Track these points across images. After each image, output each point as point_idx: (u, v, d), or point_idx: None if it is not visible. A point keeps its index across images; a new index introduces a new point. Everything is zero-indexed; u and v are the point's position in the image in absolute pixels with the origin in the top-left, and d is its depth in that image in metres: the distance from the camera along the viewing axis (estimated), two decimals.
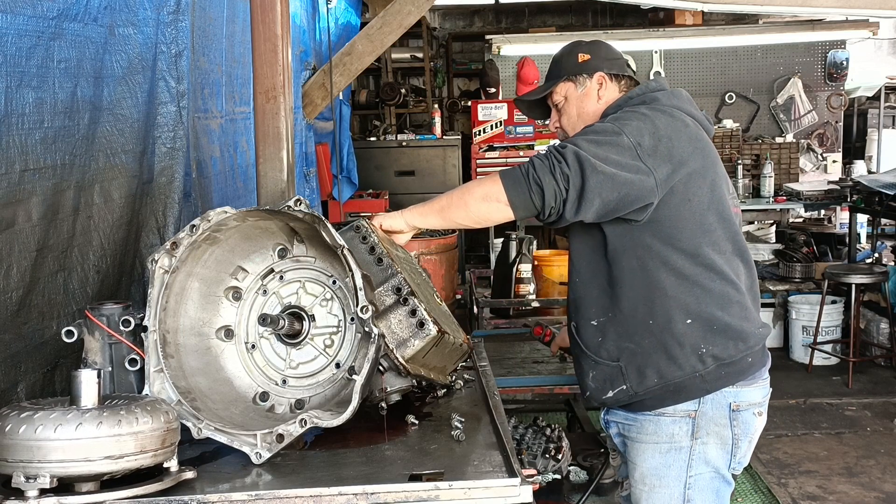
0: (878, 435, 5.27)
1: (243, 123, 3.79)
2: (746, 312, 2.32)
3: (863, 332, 6.55)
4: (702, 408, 2.29)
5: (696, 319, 2.26)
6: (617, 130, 2.21)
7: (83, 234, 2.32)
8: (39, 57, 2.06)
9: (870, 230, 7.83)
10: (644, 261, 2.26)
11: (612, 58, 2.52)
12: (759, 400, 2.35)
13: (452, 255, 3.79)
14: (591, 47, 2.53)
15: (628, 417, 2.38)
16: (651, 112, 2.30)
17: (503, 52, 8.52)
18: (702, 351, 2.26)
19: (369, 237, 2.18)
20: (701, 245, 2.27)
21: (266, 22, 2.74)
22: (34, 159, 2.05)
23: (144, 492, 1.65)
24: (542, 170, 2.13)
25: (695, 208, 2.26)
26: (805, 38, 8.55)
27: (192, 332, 2.05)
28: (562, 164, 2.12)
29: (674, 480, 2.32)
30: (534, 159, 2.17)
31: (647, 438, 2.35)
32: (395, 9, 5.13)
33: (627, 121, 2.25)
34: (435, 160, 8.30)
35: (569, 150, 2.13)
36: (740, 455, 2.35)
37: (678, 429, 2.31)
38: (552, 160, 2.13)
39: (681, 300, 2.26)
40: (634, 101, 2.39)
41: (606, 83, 2.48)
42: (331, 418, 1.86)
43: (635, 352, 2.29)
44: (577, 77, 2.49)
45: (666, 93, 2.40)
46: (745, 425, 2.32)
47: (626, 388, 2.32)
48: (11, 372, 2.02)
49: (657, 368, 2.28)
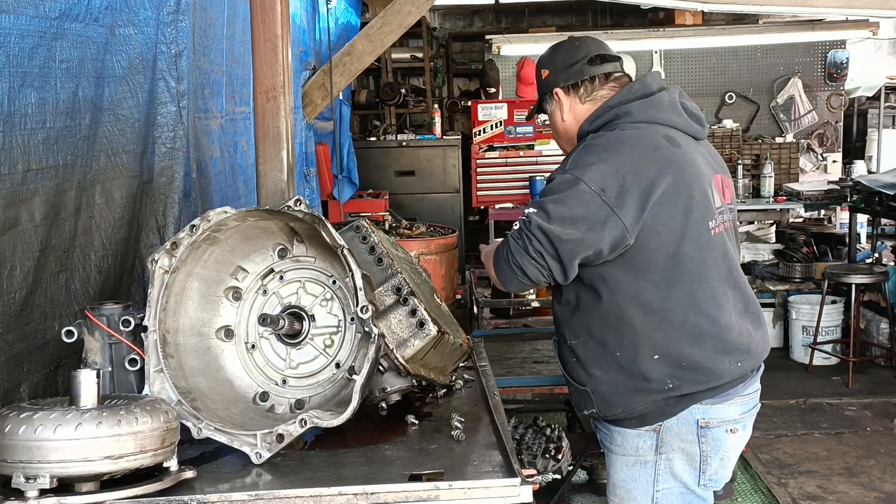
0: (878, 435, 5.27)
1: (243, 123, 3.79)
2: (724, 345, 2.22)
3: (863, 332, 6.55)
4: (666, 423, 2.24)
5: (663, 356, 2.20)
6: (574, 180, 2.14)
7: (85, 235, 2.32)
8: (42, 57, 2.05)
9: (870, 230, 7.83)
10: (614, 294, 2.20)
11: (568, 64, 2.38)
12: (734, 416, 2.27)
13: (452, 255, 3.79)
14: (551, 55, 2.43)
15: (603, 426, 2.38)
16: (608, 144, 2.20)
17: (503, 52, 8.52)
18: (668, 386, 2.20)
19: (369, 237, 2.18)
20: (674, 278, 2.18)
21: (266, 22, 2.74)
22: (37, 159, 2.05)
23: (144, 492, 1.65)
24: (518, 252, 2.16)
25: (665, 240, 2.16)
26: (805, 38, 8.55)
27: (192, 332, 2.05)
28: (532, 241, 2.13)
29: (641, 494, 2.30)
30: (510, 240, 2.19)
31: (616, 450, 2.34)
32: (395, 9, 5.12)
33: (586, 166, 2.16)
34: (435, 160, 8.30)
35: (534, 225, 2.13)
36: (711, 472, 2.28)
37: (642, 442, 2.27)
38: (524, 238, 2.15)
39: (648, 336, 2.19)
40: (608, 118, 2.27)
41: (562, 99, 2.38)
42: (331, 418, 1.86)
43: (602, 380, 2.26)
44: (544, 96, 2.44)
45: (642, 103, 2.27)
46: (716, 442, 2.25)
47: (595, 412, 2.31)
48: (14, 372, 2.02)
49: (622, 399, 2.24)
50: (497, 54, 8.52)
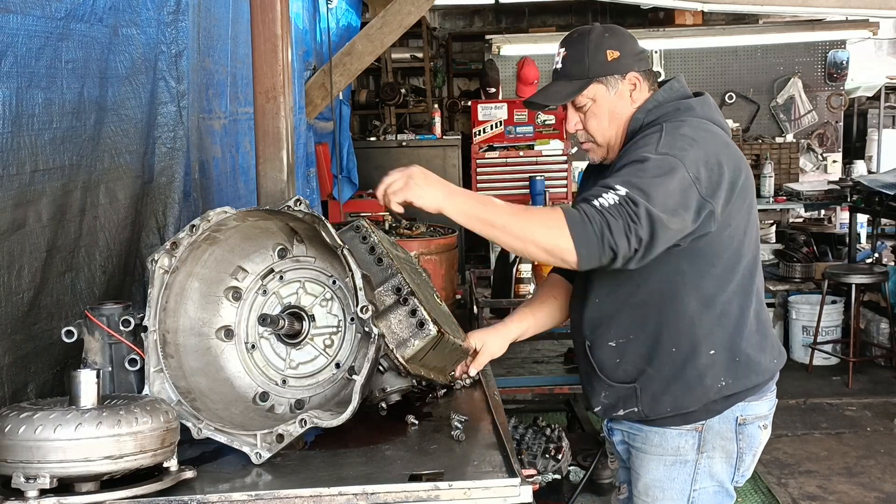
0: (878, 435, 5.27)
1: (247, 124, 3.78)
2: (767, 341, 2.26)
3: (863, 332, 6.55)
4: (709, 422, 2.23)
5: (719, 351, 2.17)
6: (676, 165, 2.00)
7: (89, 235, 2.32)
8: (48, 57, 2.05)
9: (870, 230, 7.83)
10: (675, 286, 2.15)
11: (639, 51, 2.28)
12: (765, 413, 2.29)
13: (452, 255, 3.78)
14: (618, 40, 2.25)
15: (633, 427, 2.32)
16: (694, 132, 2.12)
17: (503, 52, 8.52)
18: (720, 384, 2.18)
19: (369, 237, 2.18)
20: (734, 272, 2.17)
21: (266, 22, 2.74)
22: (44, 160, 2.05)
23: (144, 492, 1.65)
24: (618, 232, 1.91)
25: (733, 234, 2.15)
26: (805, 38, 8.55)
27: (192, 332, 2.05)
28: (637, 226, 1.92)
29: (677, 494, 2.26)
30: (607, 216, 1.91)
31: (652, 450, 2.28)
32: (395, 9, 5.12)
33: (681, 150, 2.04)
34: (435, 160, 8.30)
35: (642, 210, 1.92)
36: (744, 468, 2.29)
37: (684, 442, 2.24)
38: (626, 219, 1.92)
39: (708, 330, 2.16)
40: (667, 109, 2.21)
41: (640, 84, 2.25)
42: (331, 418, 1.86)
43: (653, 377, 2.20)
44: (607, 78, 2.23)
45: (698, 101, 2.23)
46: (751, 438, 2.27)
47: (637, 411, 2.24)
48: (21, 373, 2.02)
49: (673, 397, 2.20)
50: (497, 54, 8.52)
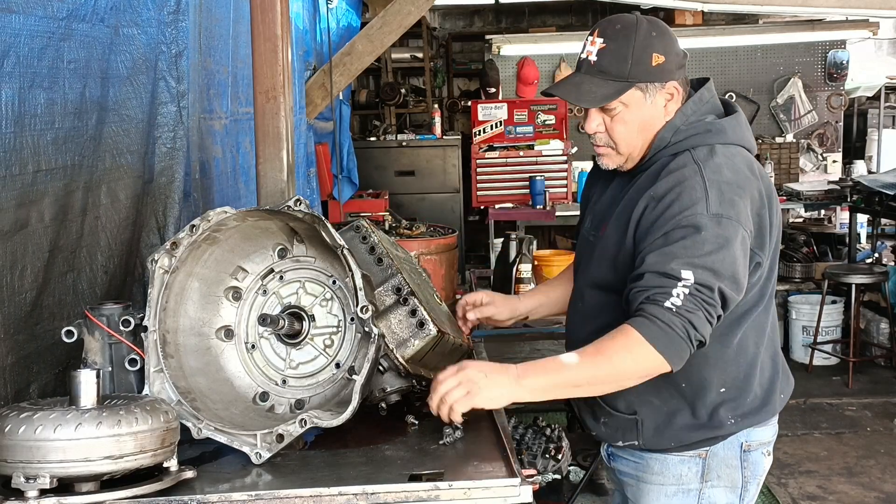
0: (878, 435, 5.27)
1: (247, 124, 3.78)
2: (778, 377, 2.17)
3: (863, 332, 6.55)
4: (713, 448, 2.10)
5: (730, 389, 2.07)
6: (735, 229, 1.90)
7: (91, 235, 2.32)
8: (50, 58, 2.05)
9: (870, 230, 7.83)
10: None
11: (682, 56, 2.07)
12: (769, 439, 2.19)
13: (452, 255, 3.78)
14: (664, 42, 2.03)
15: (634, 454, 2.17)
16: (735, 175, 1.96)
17: (503, 52, 8.53)
18: (730, 422, 2.08)
19: (369, 237, 2.18)
20: (753, 310, 2.06)
21: (266, 22, 2.74)
22: (46, 160, 2.05)
23: (144, 492, 1.65)
24: (702, 325, 1.85)
25: (762, 274, 2.04)
26: (805, 38, 8.56)
27: (192, 332, 2.05)
28: (715, 308, 1.87)
29: None
30: (686, 314, 1.84)
31: (652, 479, 2.13)
32: (395, 9, 5.12)
33: (732, 205, 1.91)
34: (435, 160, 8.30)
35: (716, 293, 1.86)
36: (748, 499, 2.15)
37: (687, 469, 2.10)
38: (704, 309, 1.85)
39: (720, 368, 2.06)
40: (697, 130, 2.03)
41: (677, 95, 2.05)
42: (331, 418, 1.86)
43: (658, 409, 2.08)
44: (647, 85, 2.01)
45: (730, 122, 2.05)
46: (755, 466, 2.15)
47: (637, 444, 2.12)
48: (24, 373, 2.02)
49: (676, 431, 2.08)
50: (497, 54, 8.53)
